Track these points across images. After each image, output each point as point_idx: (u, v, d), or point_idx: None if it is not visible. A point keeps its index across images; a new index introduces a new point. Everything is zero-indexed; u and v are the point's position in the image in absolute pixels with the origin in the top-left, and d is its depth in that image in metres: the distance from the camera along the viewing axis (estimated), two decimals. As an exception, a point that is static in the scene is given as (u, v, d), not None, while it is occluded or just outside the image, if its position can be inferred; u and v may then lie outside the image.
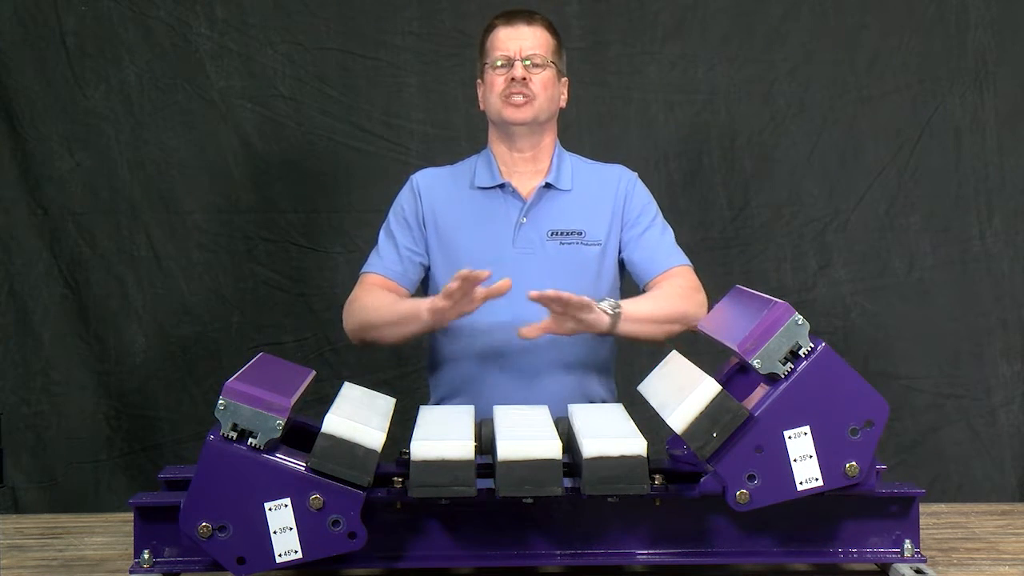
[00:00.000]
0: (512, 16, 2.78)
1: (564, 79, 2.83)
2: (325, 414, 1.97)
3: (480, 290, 2.48)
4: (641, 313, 2.64)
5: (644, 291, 2.79)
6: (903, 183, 3.68)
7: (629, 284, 2.87)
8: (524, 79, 2.71)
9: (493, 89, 2.75)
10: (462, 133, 3.62)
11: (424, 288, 2.84)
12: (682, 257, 2.80)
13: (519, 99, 2.72)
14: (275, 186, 3.65)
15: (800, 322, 2.00)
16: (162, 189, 3.63)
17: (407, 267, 2.79)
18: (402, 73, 3.66)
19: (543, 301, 2.49)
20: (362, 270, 2.82)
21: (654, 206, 2.85)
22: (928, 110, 3.67)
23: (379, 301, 2.72)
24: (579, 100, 3.57)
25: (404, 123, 3.67)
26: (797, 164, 3.69)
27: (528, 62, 2.72)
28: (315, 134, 3.65)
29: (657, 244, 2.79)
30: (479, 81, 2.83)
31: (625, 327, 2.60)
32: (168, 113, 3.62)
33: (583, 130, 3.63)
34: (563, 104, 2.84)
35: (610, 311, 2.57)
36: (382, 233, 2.84)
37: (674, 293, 2.71)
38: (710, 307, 2.41)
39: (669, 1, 3.69)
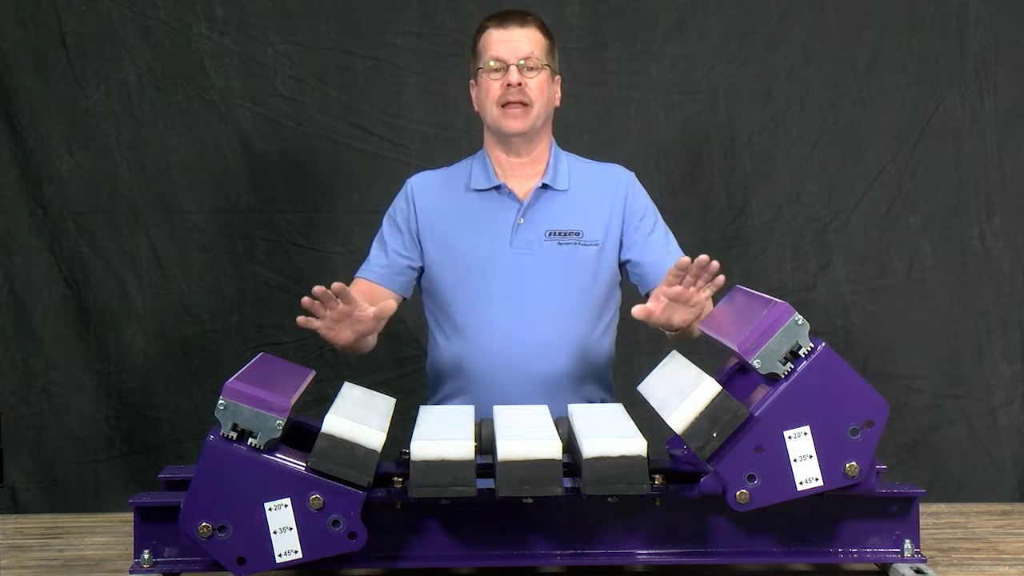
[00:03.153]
0: (504, 18, 2.77)
1: (557, 77, 2.82)
2: (325, 414, 1.97)
3: (369, 310, 2.43)
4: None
5: (647, 296, 2.78)
6: (903, 183, 3.68)
7: (626, 285, 2.87)
8: (520, 84, 2.71)
9: (489, 94, 2.74)
10: (462, 133, 3.62)
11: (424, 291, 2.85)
12: None
13: (516, 109, 2.71)
14: (275, 186, 3.65)
15: (800, 322, 2.00)
16: (162, 189, 3.63)
17: (394, 270, 2.79)
18: (402, 73, 3.66)
19: (690, 270, 2.36)
20: (355, 275, 2.83)
21: (653, 207, 2.85)
22: (928, 110, 3.67)
23: None
24: (579, 100, 3.58)
25: (404, 123, 3.67)
26: (797, 164, 3.69)
27: (523, 63, 2.72)
28: (315, 134, 3.65)
29: (664, 249, 2.80)
30: (472, 82, 2.83)
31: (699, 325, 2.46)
32: (168, 113, 3.62)
33: (583, 130, 3.62)
34: (557, 103, 2.83)
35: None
36: (375, 238, 2.85)
37: None
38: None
39: (669, 1, 3.68)
